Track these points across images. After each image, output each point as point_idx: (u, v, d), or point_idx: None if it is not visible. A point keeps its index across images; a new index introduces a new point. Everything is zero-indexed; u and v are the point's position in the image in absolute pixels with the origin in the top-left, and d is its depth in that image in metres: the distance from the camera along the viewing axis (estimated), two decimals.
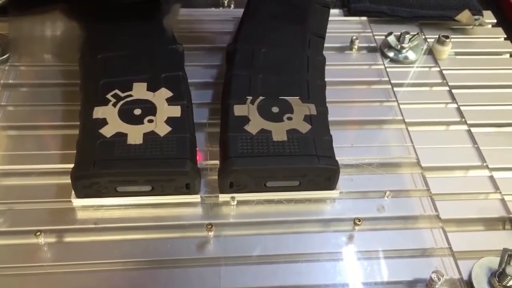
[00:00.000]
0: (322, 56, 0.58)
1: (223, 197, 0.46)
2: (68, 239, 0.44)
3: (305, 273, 0.42)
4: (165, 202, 0.46)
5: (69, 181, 0.44)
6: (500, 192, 0.49)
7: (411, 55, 0.64)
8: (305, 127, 0.47)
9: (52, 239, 0.43)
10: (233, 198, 0.46)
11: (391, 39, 0.64)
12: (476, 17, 0.68)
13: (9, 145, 0.50)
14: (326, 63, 0.57)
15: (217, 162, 0.48)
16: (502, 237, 0.46)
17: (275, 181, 0.46)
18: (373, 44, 0.66)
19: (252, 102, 0.49)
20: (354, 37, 0.64)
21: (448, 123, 0.56)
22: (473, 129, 0.55)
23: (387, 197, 0.48)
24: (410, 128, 0.55)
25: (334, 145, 0.48)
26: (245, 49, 0.55)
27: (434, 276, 0.41)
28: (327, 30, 0.62)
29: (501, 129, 0.56)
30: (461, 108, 0.58)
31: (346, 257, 0.44)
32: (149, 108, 0.48)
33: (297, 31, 0.59)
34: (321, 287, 0.42)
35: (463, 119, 0.57)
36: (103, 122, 0.46)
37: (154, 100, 0.49)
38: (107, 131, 0.46)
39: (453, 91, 0.60)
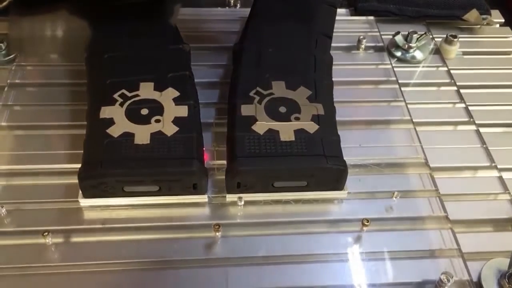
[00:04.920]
0: (329, 55, 0.58)
1: (231, 197, 0.46)
2: (75, 239, 0.44)
3: (312, 274, 0.42)
4: (172, 202, 0.46)
5: (76, 181, 0.44)
6: (509, 193, 0.49)
7: (418, 55, 0.63)
8: (312, 127, 0.47)
9: (59, 239, 0.43)
10: (240, 198, 0.46)
11: (399, 39, 0.64)
12: (484, 16, 0.68)
13: (16, 145, 0.50)
14: (333, 62, 0.57)
15: (224, 162, 0.47)
16: None
17: (282, 182, 0.46)
18: (380, 44, 0.65)
19: (259, 102, 0.49)
20: (361, 37, 0.64)
21: (456, 123, 0.56)
22: (481, 129, 0.55)
23: (395, 197, 0.48)
24: (418, 128, 0.54)
25: (341, 145, 0.47)
26: (251, 49, 0.55)
27: (443, 277, 0.40)
28: (334, 30, 0.62)
29: (510, 129, 0.56)
30: (469, 108, 0.57)
31: (354, 258, 0.44)
32: (156, 108, 0.48)
33: (304, 31, 0.58)
34: None
35: (471, 119, 0.56)
36: (110, 122, 0.46)
37: (161, 100, 0.48)
38: (114, 131, 0.46)
39: (461, 90, 0.60)
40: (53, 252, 0.43)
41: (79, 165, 0.44)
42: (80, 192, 0.45)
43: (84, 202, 0.45)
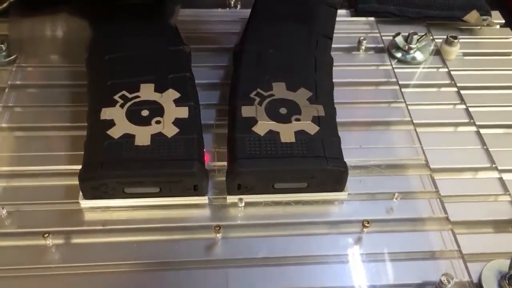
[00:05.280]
0: (330, 56, 0.58)
1: (231, 199, 0.46)
2: (76, 240, 0.44)
3: (313, 275, 0.42)
4: (173, 203, 0.46)
5: (77, 182, 0.44)
6: (509, 194, 0.49)
7: (419, 56, 0.63)
8: (313, 128, 0.47)
9: (59, 241, 0.43)
10: (241, 199, 0.46)
11: (399, 40, 0.64)
12: (484, 17, 0.68)
13: (17, 146, 0.50)
14: (334, 63, 0.57)
15: (225, 163, 0.47)
16: None
17: (283, 183, 0.46)
18: (381, 45, 0.65)
19: (260, 103, 0.49)
20: (362, 38, 0.64)
21: (456, 124, 0.56)
22: (482, 130, 0.55)
23: (396, 199, 0.48)
24: (418, 129, 0.54)
25: (342, 146, 0.47)
26: (252, 50, 0.55)
27: (443, 279, 0.40)
28: (335, 31, 0.62)
29: (510, 130, 0.56)
30: (470, 109, 0.57)
31: (355, 260, 0.44)
32: (157, 109, 0.48)
33: (304, 32, 0.58)
34: None
35: (471, 120, 0.56)
36: (111, 123, 0.46)
37: (162, 101, 0.48)
38: (115, 132, 0.46)
39: (462, 92, 0.60)
40: (53, 253, 0.43)
41: (79, 167, 0.44)
42: (81, 193, 0.45)
43: (85, 203, 0.45)
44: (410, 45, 0.63)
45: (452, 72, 0.62)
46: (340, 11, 0.69)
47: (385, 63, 0.63)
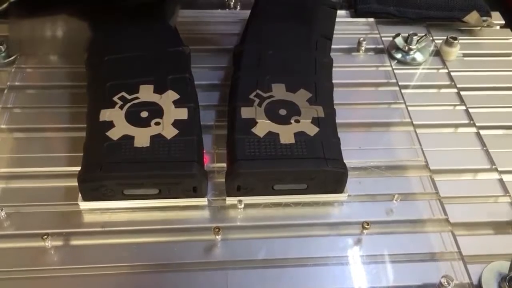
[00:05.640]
0: (330, 57, 0.57)
1: (231, 200, 0.46)
2: (75, 242, 0.43)
3: (313, 277, 0.42)
4: (172, 205, 0.46)
5: (76, 184, 0.44)
6: (509, 195, 0.49)
7: (418, 57, 0.63)
8: (313, 130, 0.47)
9: (59, 242, 0.43)
10: (240, 201, 0.46)
11: (399, 41, 0.64)
12: (484, 18, 0.68)
13: (16, 148, 0.50)
14: (333, 64, 0.57)
15: (225, 164, 0.47)
16: None
17: (282, 184, 0.46)
18: (381, 46, 0.65)
19: (259, 104, 0.49)
20: (361, 39, 0.64)
21: (456, 125, 0.56)
22: (482, 132, 0.55)
23: (396, 200, 0.48)
24: (418, 131, 0.54)
25: (341, 148, 0.47)
26: (252, 51, 0.55)
27: (443, 280, 0.40)
28: (334, 32, 0.62)
29: (510, 131, 0.56)
30: (470, 110, 0.57)
31: (354, 261, 0.43)
32: (156, 111, 0.48)
33: (304, 33, 0.58)
34: None
35: (471, 121, 0.56)
36: (110, 124, 0.46)
37: (161, 103, 0.48)
38: (114, 134, 0.45)
39: (462, 93, 0.59)
40: (52, 255, 0.42)
41: (79, 168, 0.44)
42: (80, 195, 0.45)
43: (84, 205, 0.45)
44: (410, 46, 0.63)
45: (452, 73, 0.62)
46: (340, 12, 0.69)
47: (385, 64, 0.63)
